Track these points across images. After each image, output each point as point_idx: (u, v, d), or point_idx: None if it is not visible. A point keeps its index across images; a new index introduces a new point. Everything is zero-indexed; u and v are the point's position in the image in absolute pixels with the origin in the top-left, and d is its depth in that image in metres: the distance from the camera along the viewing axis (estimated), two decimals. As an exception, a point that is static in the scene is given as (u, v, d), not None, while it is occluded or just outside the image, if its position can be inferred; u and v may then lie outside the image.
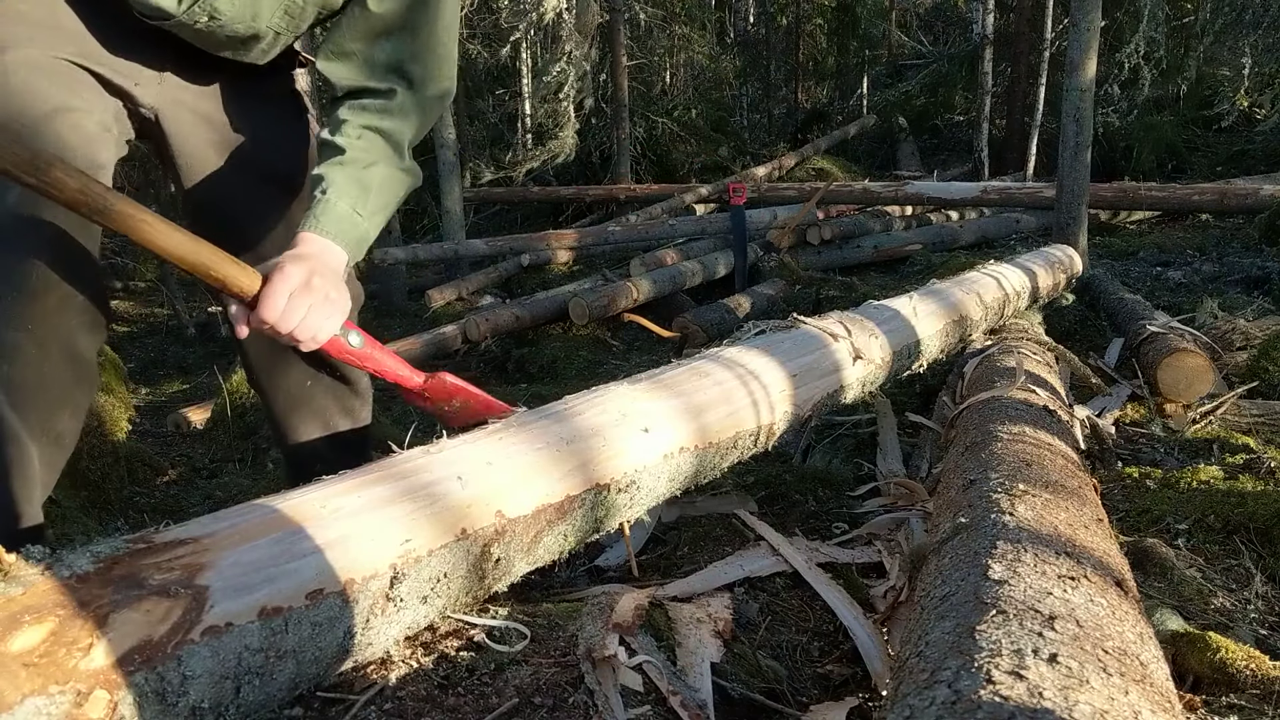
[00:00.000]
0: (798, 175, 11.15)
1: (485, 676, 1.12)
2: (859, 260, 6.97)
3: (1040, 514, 1.30)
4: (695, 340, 4.83)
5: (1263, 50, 9.26)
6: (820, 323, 2.17)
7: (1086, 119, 5.07)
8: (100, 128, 1.34)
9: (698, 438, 1.58)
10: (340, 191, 1.35)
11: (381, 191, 1.39)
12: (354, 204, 1.35)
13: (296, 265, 1.26)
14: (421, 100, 1.44)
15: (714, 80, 14.66)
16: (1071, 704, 0.77)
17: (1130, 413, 2.81)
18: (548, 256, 7.63)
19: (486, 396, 1.47)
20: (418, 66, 1.42)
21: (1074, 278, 4.40)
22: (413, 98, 1.42)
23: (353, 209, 1.35)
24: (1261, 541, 1.84)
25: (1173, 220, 8.00)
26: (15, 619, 0.76)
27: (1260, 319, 3.78)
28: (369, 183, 1.37)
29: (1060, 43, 8.91)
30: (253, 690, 0.89)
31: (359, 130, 1.39)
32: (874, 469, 2.45)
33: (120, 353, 5.04)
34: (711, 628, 1.40)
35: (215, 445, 3.70)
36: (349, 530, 1.02)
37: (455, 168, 8.08)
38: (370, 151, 1.38)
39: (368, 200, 1.37)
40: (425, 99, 1.44)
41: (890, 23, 16.43)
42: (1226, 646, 1.37)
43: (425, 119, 1.46)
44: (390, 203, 1.42)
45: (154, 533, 0.94)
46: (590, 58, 8.94)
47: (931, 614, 1.05)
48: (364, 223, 1.37)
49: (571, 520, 1.32)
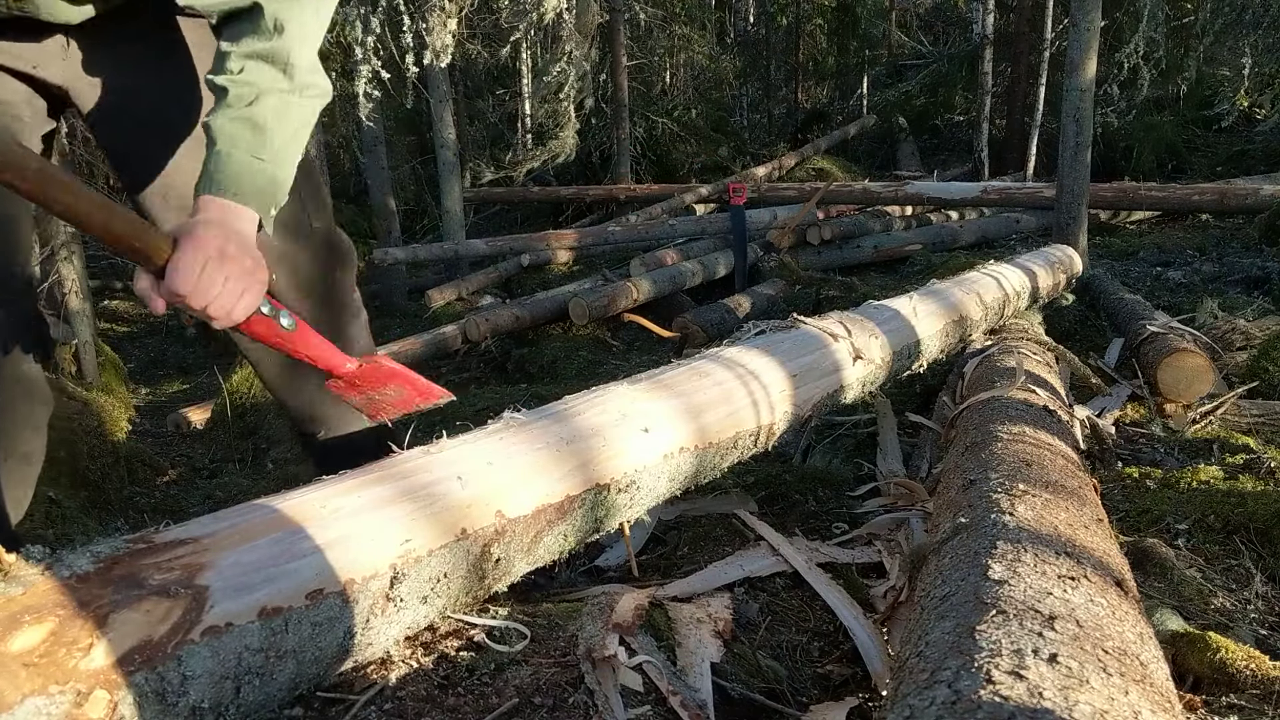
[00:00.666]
0: (798, 175, 11.14)
1: (485, 676, 1.12)
2: (859, 260, 6.97)
3: (1040, 514, 1.30)
4: (695, 340, 4.83)
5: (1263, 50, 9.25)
6: (820, 323, 2.17)
7: (1086, 119, 5.07)
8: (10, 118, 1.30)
9: (698, 438, 1.58)
10: (230, 139, 1.20)
11: (280, 124, 1.23)
12: (249, 149, 1.21)
13: (208, 233, 1.13)
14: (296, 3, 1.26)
15: (714, 80, 14.65)
16: (1071, 704, 0.77)
17: (1130, 413, 2.81)
18: (548, 256, 7.63)
19: (425, 381, 1.36)
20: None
21: (1074, 278, 4.40)
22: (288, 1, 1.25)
23: (250, 155, 1.21)
24: (1261, 541, 1.84)
25: (1173, 220, 7.99)
26: (15, 619, 0.76)
27: (1260, 319, 3.78)
28: (260, 119, 1.21)
29: (1060, 43, 8.91)
30: (253, 690, 0.89)
31: (239, 62, 1.23)
32: (874, 469, 2.45)
33: (120, 353, 5.05)
34: (711, 628, 1.40)
35: (215, 445, 3.71)
36: (349, 530, 1.02)
37: (455, 168, 8.08)
38: (253, 83, 1.22)
39: (265, 140, 1.22)
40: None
41: (890, 23, 16.42)
42: (1226, 646, 1.37)
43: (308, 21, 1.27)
44: (296, 132, 1.27)
45: (154, 533, 0.94)
46: (590, 58, 8.93)
47: (931, 614, 1.05)
48: (267, 166, 1.22)
49: (571, 520, 1.32)
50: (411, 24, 5.86)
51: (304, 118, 1.28)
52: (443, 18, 6.03)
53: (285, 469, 3.18)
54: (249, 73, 1.23)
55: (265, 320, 1.21)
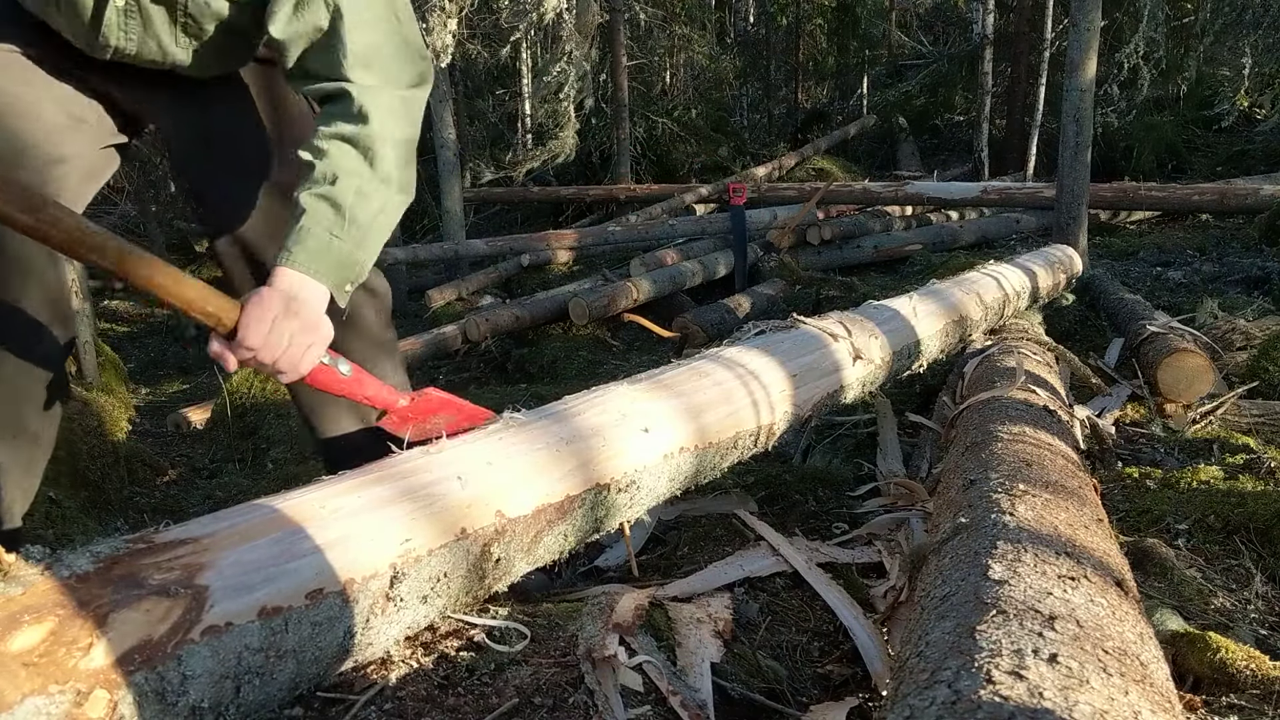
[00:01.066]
0: (798, 175, 11.14)
1: (485, 676, 1.12)
2: (859, 260, 6.97)
3: (1040, 514, 1.30)
4: (695, 340, 4.83)
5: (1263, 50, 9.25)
6: (820, 323, 2.17)
7: (1086, 119, 5.07)
8: (69, 118, 1.34)
9: (698, 438, 1.58)
10: (311, 215, 1.25)
11: (361, 207, 1.28)
12: (330, 227, 1.25)
13: (274, 294, 1.20)
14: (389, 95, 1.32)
15: (714, 80, 14.65)
16: (1071, 704, 0.77)
17: (1130, 413, 2.81)
18: (548, 256, 7.63)
19: (471, 406, 1.41)
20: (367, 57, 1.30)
21: (1074, 278, 4.40)
22: (375, 94, 1.30)
23: (329, 233, 1.25)
24: (1261, 541, 1.84)
25: (1173, 220, 7.99)
26: (15, 619, 0.76)
27: (1260, 319, 3.78)
28: (340, 200, 1.26)
29: (1060, 43, 8.90)
30: (253, 690, 0.89)
31: (326, 142, 1.28)
32: (874, 469, 2.45)
33: (120, 353, 5.05)
34: (711, 628, 1.40)
35: (215, 445, 3.71)
36: (349, 530, 1.02)
37: (455, 168, 8.08)
38: (338, 163, 1.27)
39: (343, 220, 1.26)
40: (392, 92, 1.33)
41: (890, 23, 16.43)
42: (1226, 646, 1.37)
43: (399, 115, 1.33)
44: (377, 218, 1.31)
45: (154, 533, 0.94)
46: (590, 58, 8.94)
47: (931, 614, 1.05)
48: (345, 245, 1.27)
49: (572, 520, 1.32)
50: (411, 24, 5.85)
51: (386, 207, 1.32)
52: (443, 18, 6.03)
53: (285, 469, 3.17)
54: (333, 153, 1.27)
55: (327, 369, 1.29)
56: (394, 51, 1.34)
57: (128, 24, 1.29)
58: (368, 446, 1.49)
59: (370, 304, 1.64)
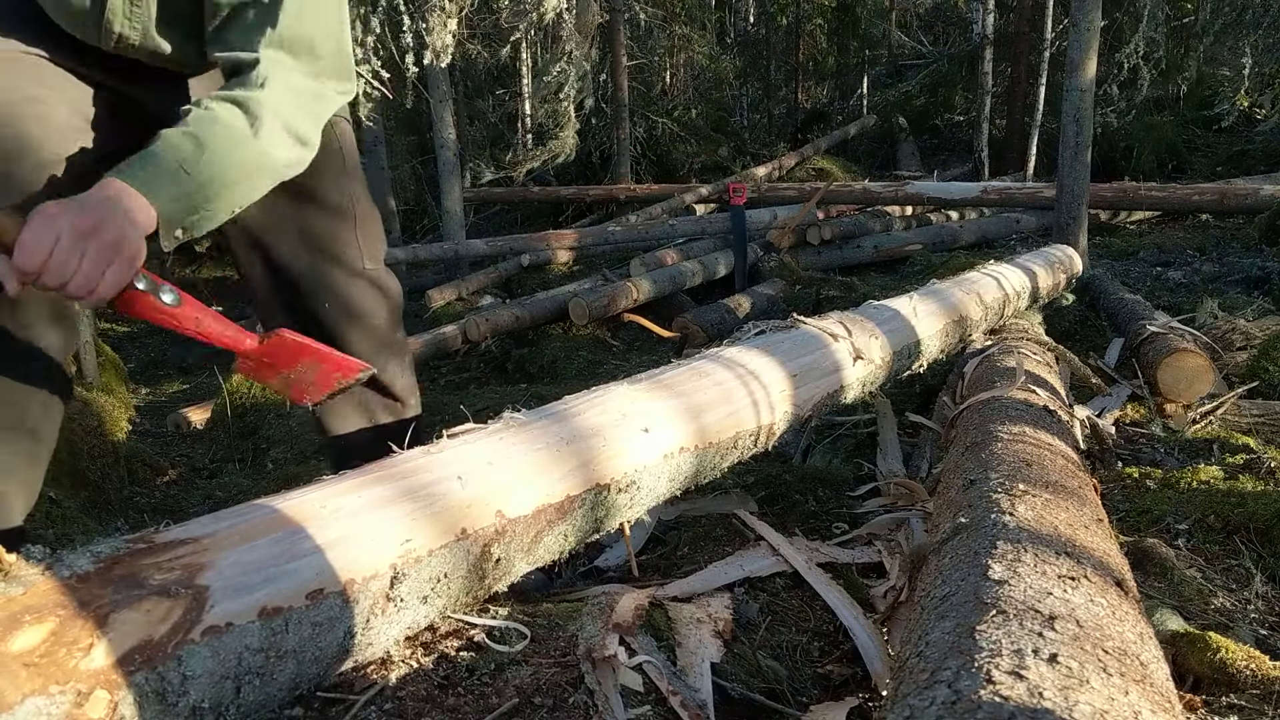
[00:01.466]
0: (798, 175, 11.14)
1: (485, 676, 1.12)
2: (859, 260, 6.97)
3: (1040, 514, 1.30)
4: (695, 340, 4.83)
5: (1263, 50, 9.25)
6: (820, 323, 2.17)
7: (1086, 119, 5.07)
8: (81, 120, 1.33)
9: (698, 438, 1.58)
10: (167, 144, 1.16)
11: (223, 154, 1.19)
12: (182, 161, 1.15)
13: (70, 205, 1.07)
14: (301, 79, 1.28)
15: (714, 80, 14.65)
16: (1071, 704, 0.77)
17: (1130, 413, 2.81)
18: (548, 256, 7.63)
19: (339, 355, 1.31)
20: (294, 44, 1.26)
21: (1074, 278, 4.40)
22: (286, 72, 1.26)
23: (179, 164, 1.15)
24: (1261, 541, 1.84)
25: (1173, 220, 7.99)
26: (15, 619, 0.76)
27: (1260, 319, 3.78)
28: (205, 139, 1.17)
29: (1060, 43, 8.91)
30: (253, 690, 0.89)
31: (215, 101, 1.22)
32: (874, 469, 2.45)
33: (120, 353, 5.04)
34: (711, 628, 1.40)
35: (215, 445, 3.71)
36: (349, 530, 1.02)
37: (455, 168, 8.08)
38: (218, 114, 1.20)
39: (201, 159, 1.16)
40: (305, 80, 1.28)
41: (890, 23, 16.42)
42: (1226, 646, 1.37)
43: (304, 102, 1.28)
44: (241, 174, 1.22)
45: (154, 533, 0.94)
46: (590, 58, 8.93)
47: (931, 614, 1.05)
48: (191, 183, 1.16)
49: (572, 520, 1.32)
50: (411, 24, 5.86)
51: (256, 165, 1.23)
52: (443, 18, 6.03)
53: (285, 469, 3.18)
54: (216, 107, 1.21)
55: (142, 296, 1.15)
56: (328, 52, 1.31)
57: (133, 11, 1.28)
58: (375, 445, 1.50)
59: (381, 303, 1.64)
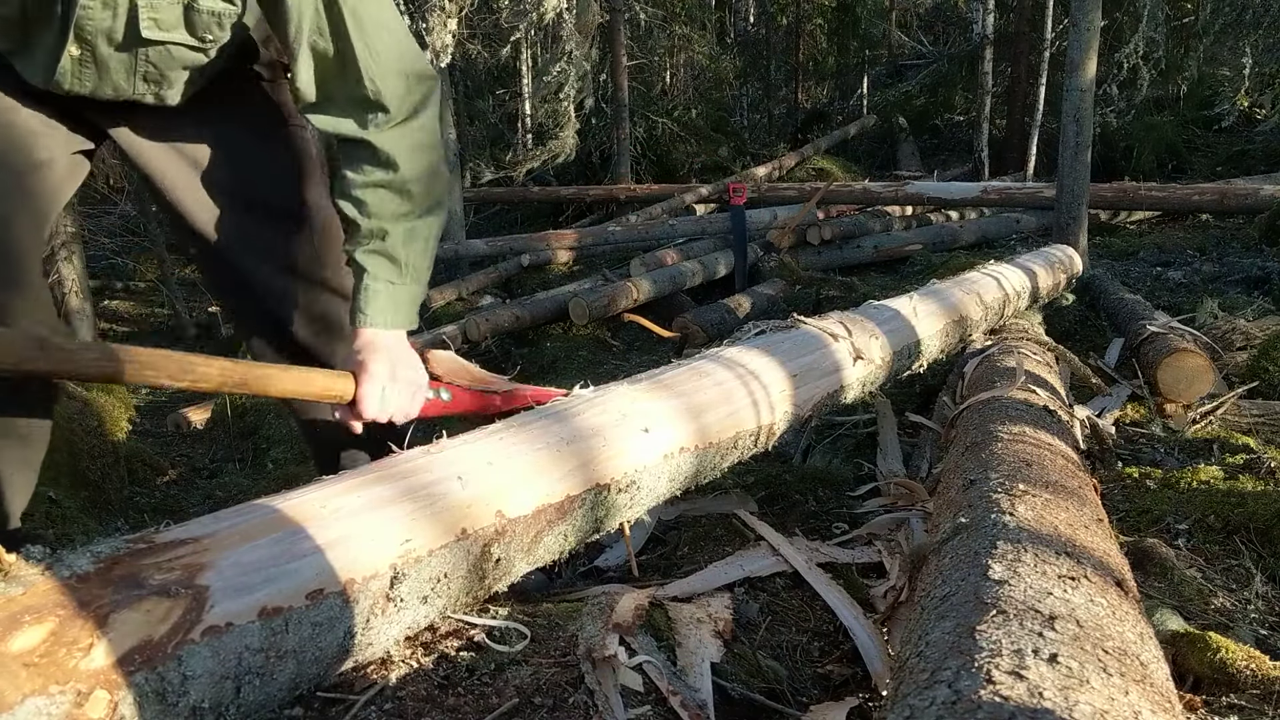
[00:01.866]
0: (798, 175, 11.13)
1: (485, 676, 1.12)
2: (859, 260, 6.97)
3: (1040, 514, 1.29)
4: (695, 340, 4.83)
5: (1263, 50, 9.26)
6: (820, 323, 2.17)
7: (1086, 119, 5.07)
8: (42, 123, 1.34)
9: (698, 438, 1.58)
10: (374, 274, 1.39)
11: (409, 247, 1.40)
12: (388, 277, 1.39)
13: (377, 363, 1.35)
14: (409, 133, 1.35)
15: (714, 80, 14.64)
16: (1071, 704, 0.77)
17: (1130, 413, 2.81)
18: (548, 256, 7.63)
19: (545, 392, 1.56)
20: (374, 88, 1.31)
21: (1074, 278, 4.40)
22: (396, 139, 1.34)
23: (389, 283, 1.39)
24: (1261, 541, 1.84)
25: (1173, 220, 7.99)
26: (15, 619, 0.76)
27: (1260, 319, 3.78)
28: (393, 251, 1.38)
29: (1060, 43, 8.91)
30: (253, 690, 0.89)
31: (363, 192, 1.36)
32: (874, 469, 2.45)
33: (120, 353, 5.03)
34: (711, 628, 1.40)
35: (215, 445, 3.71)
36: (349, 530, 1.02)
37: (455, 168, 8.09)
38: (382, 213, 1.37)
39: (399, 267, 1.39)
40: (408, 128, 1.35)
41: (890, 23, 16.42)
42: (1226, 646, 1.37)
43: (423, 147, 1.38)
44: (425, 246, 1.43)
45: (154, 533, 0.94)
46: (590, 58, 8.93)
47: (931, 614, 1.05)
48: (407, 287, 1.41)
49: (572, 520, 1.32)
50: (411, 24, 5.86)
51: (430, 232, 1.44)
52: (443, 18, 6.03)
53: (285, 469, 3.17)
54: (373, 204, 1.37)
55: (432, 403, 1.46)
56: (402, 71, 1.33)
57: (82, 71, 1.30)
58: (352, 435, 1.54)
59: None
